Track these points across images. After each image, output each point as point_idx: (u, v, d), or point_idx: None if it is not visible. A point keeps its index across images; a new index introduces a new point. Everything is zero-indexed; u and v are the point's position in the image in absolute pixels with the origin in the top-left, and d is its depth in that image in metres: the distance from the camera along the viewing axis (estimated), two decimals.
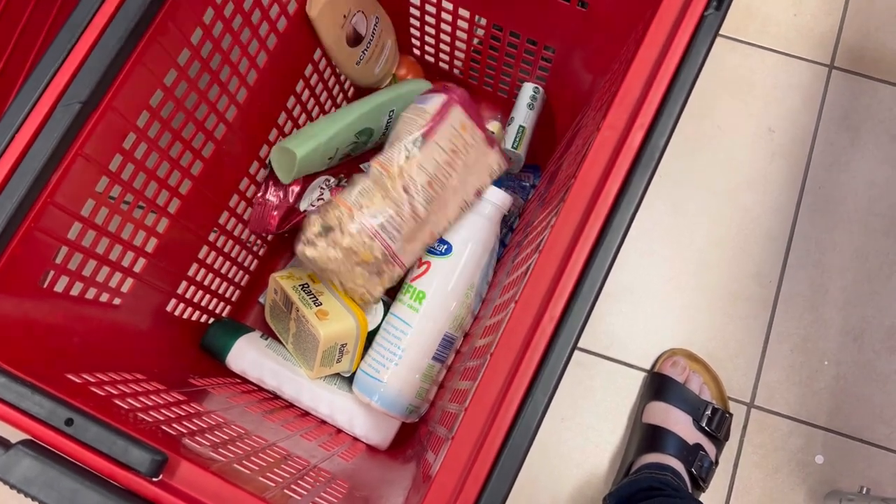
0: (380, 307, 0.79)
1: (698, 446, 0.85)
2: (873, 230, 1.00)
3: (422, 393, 0.73)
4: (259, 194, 0.79)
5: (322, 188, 0.80)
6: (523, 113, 0.84)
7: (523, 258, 0.60)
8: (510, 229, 0.85)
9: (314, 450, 0.66)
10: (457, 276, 0.73)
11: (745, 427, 0.94)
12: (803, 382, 0.95)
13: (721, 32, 1.06)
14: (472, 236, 0.74)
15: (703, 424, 0.86)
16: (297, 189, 0.78)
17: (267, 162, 0.79)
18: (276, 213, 0.78)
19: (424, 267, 0.74)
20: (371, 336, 0.76)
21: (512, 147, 0.83)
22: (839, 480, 0.92)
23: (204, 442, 0.52)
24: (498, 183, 0.87)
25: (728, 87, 1.04)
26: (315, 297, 0.73)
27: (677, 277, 0.98)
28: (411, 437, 0.78)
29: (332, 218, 0.68)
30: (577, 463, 0.92)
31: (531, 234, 0.64)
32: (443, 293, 0.73)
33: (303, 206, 0.79)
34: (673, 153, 1.02)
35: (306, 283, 0.75)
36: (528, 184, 0.87)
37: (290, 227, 0.79)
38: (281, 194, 0.78)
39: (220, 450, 0.52)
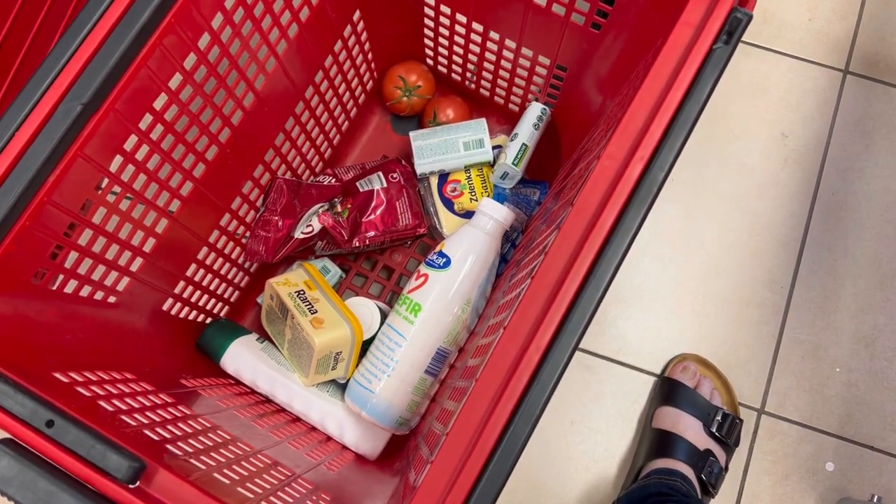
0: (377, 316, 0.79)
1: (708, 452, 0.84)
2: (886, 236, 0.98)
3: (413, 406, 0.73)
4: (254, 226, 0.81)
5: (313, 216, 0.81)
6: (528, 132, 0.84)
7: (518, 280, 0.60)
8: (512, 245, 0.84)
9: (300, 458, 0.66)
10: (454, 290, 0.73)
11: (755, 433, 0.93)
12: (814, 389, 0.94)
13: None
14: (472, 251, 0.74)
15: (714, 430, 0.85)
16: (290, 222, 0.79)
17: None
18: (271, 244, 0.80)
19: (422, 279, 0.74)
20: (368, 345, 0.76)
21: (513, 163, 0.83)
22: (849, 488, 0.91)
23: (187, 448, 0.52)
24: (501, 198, 0.86)
25: (742, 92, 1.03)
26: (310, 304, 0.73)
27: (688, 282, 0.97)
28: (401, 450, 0.78)
29: None
30: (585, 467, 0.92)
31: (529, 255, 0.64)
32: (439, 306, 0.72)
33: (296, 234, 0.80)
34: (685, 158, 1.00)
35: (302, 290, 0.75)
36: (534, 199, 0.87)
37: (285, 254, 0.81)
38: (275, 226, 0.79)
39: (203, 457, 0.52)
